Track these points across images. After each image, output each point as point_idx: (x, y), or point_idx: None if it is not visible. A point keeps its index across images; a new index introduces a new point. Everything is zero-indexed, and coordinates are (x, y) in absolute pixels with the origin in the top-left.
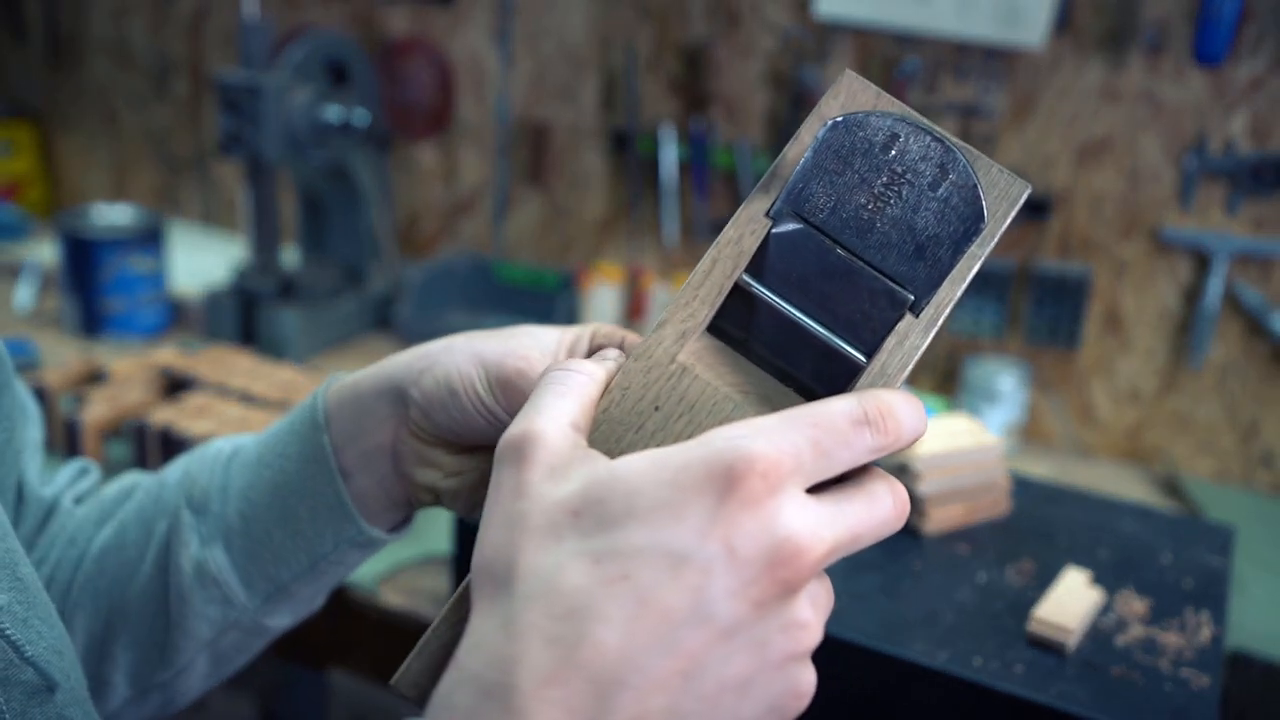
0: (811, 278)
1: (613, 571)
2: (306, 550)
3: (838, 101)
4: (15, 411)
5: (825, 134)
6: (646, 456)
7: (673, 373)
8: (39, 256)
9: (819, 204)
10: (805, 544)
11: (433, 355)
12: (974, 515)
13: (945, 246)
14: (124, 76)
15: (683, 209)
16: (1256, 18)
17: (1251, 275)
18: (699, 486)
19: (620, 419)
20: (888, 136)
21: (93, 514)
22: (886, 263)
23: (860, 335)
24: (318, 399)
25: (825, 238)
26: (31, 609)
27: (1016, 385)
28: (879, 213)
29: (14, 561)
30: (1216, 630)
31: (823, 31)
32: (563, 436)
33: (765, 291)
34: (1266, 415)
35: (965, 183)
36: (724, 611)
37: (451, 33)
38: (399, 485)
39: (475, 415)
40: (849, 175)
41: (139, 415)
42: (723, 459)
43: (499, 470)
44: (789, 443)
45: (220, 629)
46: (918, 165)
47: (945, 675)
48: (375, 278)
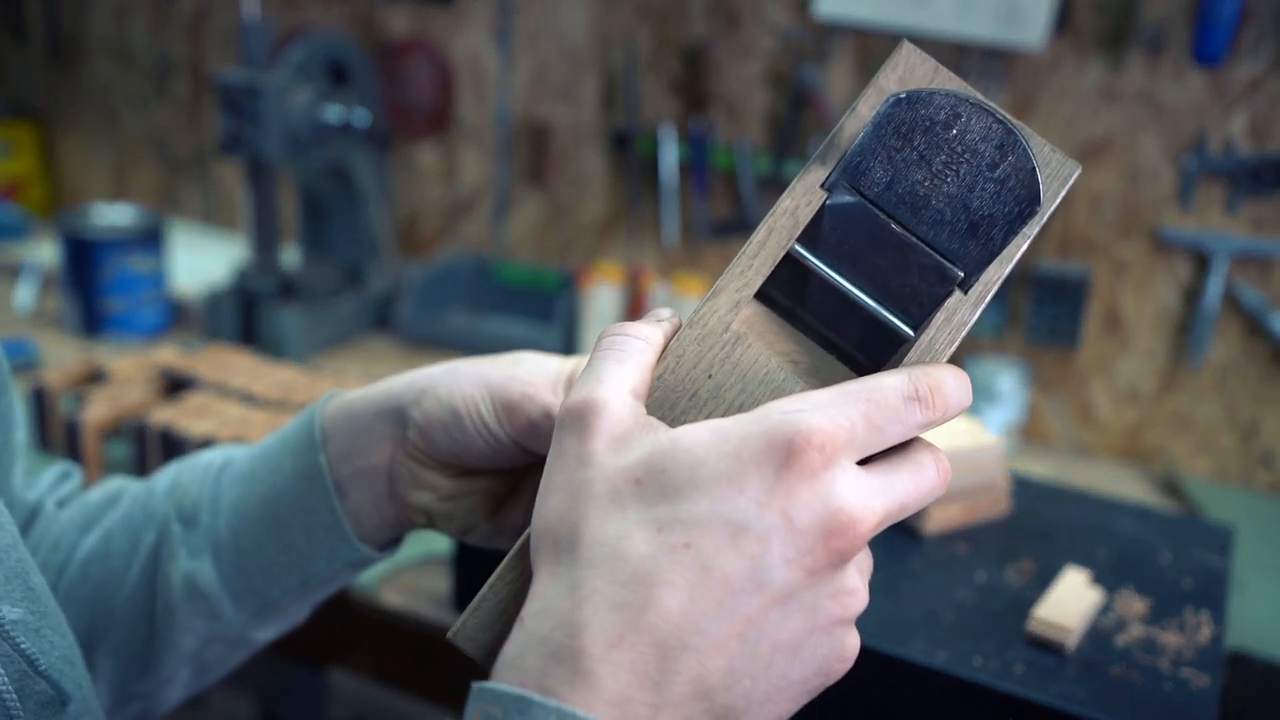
0: (863, 250)
1: (676, 539)
2: (298, 567)
3: (896, 74)
4: (11, 415)
5: (888, 108)
6: (707, 427)
7: (726, 341)
8: (39, 256)
9: (875, 178)
10: (858, 515)
11: (434, 377)
12: (974, 515)
13: (999, 226)
14: (124, 76)
15: (683, 209)
16: (1256, 18)
17: (1251, 275)
18: (759, 458)
19: (675, 385)
20: (950, 114)
21: (77, 519)
22: (939, 239)
23: (908, 309)
24: (314, 416)
25: (880, 212)
26: (44, 619)
27: (1016, 385)
28: (935, 189)
29: (25, 571)
30: (1216, 630)
31: (823, 31)
32: (624, 404)
33: (818, 262)
34: (1266, 415)
35: (1024, 165)
36: (780, 578)
37: (451, 33)
38: (391, 506)
39: (477, 438)
40: (908, 151)
41: (139, 415)
42: (781, 432)
43: (561, 437)
44: (844, 417)
45: (205, 641)
46: (978, 145)
47: (945, 675)
48: (375, 278)
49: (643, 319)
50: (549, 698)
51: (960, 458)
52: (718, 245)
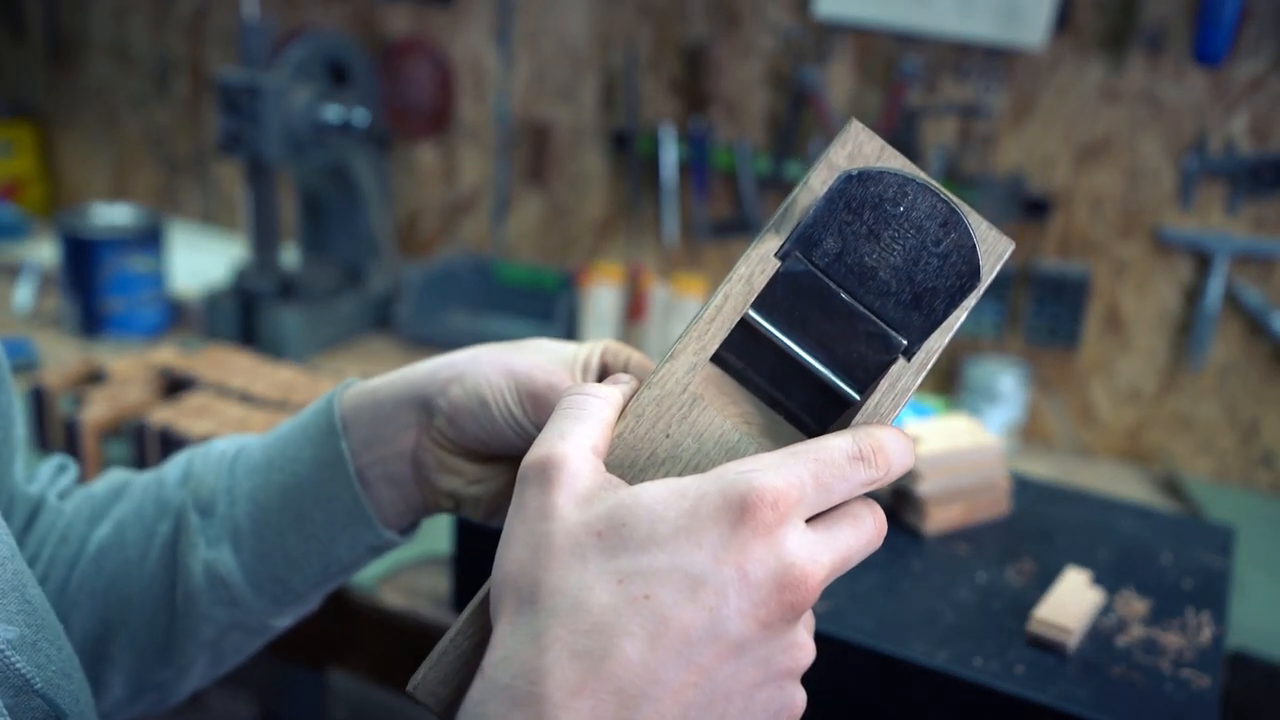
0: (814, 317)
1: (636, 591)
2: (320, 554)
3: (845, 151)
4: (10, 411)
5: (840, 184)
6: (666, 485)
7: (684, 402)
8: (39, 256)
9: (827, 249)
10: (809, 569)
11: (459, 365)
12: (974, 515)
13: (941, 298)
14: (124, 76)
15: (683, 209)
16: (1256, 18)
17: (1252, 275)
18: (715, 515)
19: (634, 444)
20: (898, 192)
21: (84, 511)
22: (885, 309)
23: (855, 374)
24: (334, 405)
25: (830, 281)
26: (41, 632)
27: (1016, 385)
28: (882, 262)
29: (22, 584)
30: (1217, 630)
31: (823, 31)
32: (585, 460)
33: (770, 328)
34: (1267, 415)
35: (965, 242)
36: (736, 630)
37: (451, 33)
38: (417, 491)
39: (504, 426)
40: (858, 225)
41: (139, 415)
42: (736, 490)
43: (523, 491)
44: (795, 476)
45: (225, 629)
46: (923, 221)
47: (945, 675)
48: (375, 278)
49: (603, 382)
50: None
51: (960, 458)
52: (718, 245)
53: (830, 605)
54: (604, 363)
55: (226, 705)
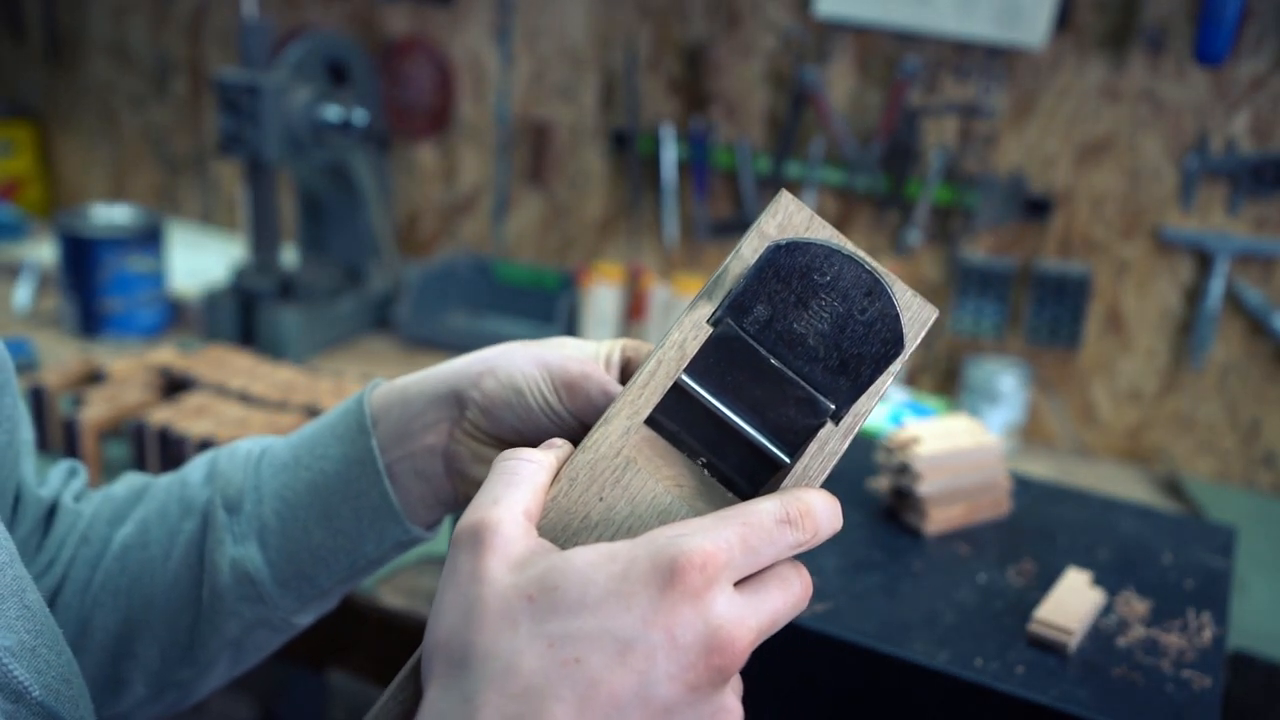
0: (744, 382)
1: (566, 655)
2: (348, 550)
3: (775, 221)
4: (16, 413)
5: (769, 254)
6: (597, 549)
7: (617, 466)
8: (38, 256)
9: (756, 316)
10: (736, 633)
11: (490, 360)
12: (974, 515)
13: (867, 364)
14: (123, 76)
15: (683, 209)
16: (1257, 17)
17: (1253, 275)
18: (645, 579)
19: (568, 508)
20: (824, 263)
21: (104, 513)
22: (813, 375)
23: (784, 437)
24: (363, 403)
25: (759, 347)
26: (40, 637)
27: (1017, 385)
28: (810, 329)
29: (22, 589)
30: (1218, 631)
31: (823, 31)
32: (517, 525)
33: (702, 392)
34: (1268, 415)
35: (889, 311)
36: (664, 693)
37: (451, 33)
38: (448, 485)
39: (540, 415)
40: (786, 293)
41: (138, 415)
42: (666, 554)
43: (455, 556)
44: (724, 540)
45: (249, 627)
46: (849, 291)
47: (945, 676)
48: (375, 278)
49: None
50: None
51: (961, 458)
52: (718, 245)
53: (830, 605)
54: (625, 358)
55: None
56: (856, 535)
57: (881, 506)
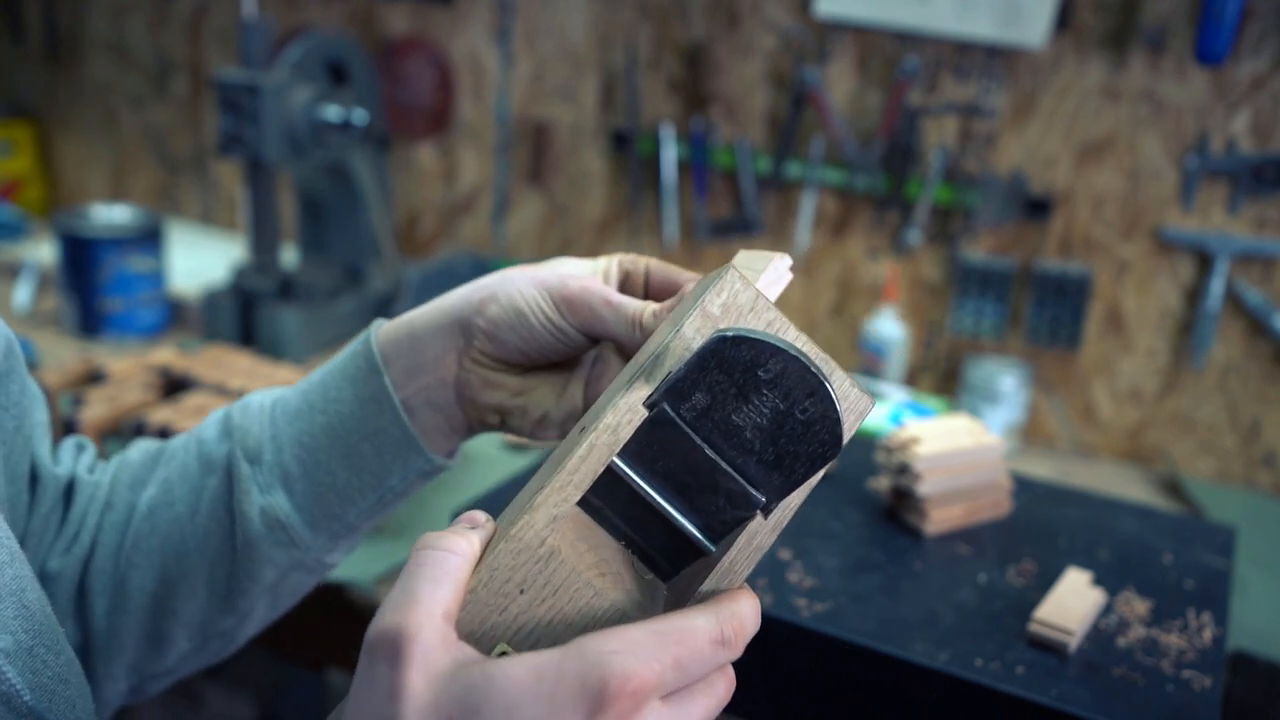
0: (676, 468)
1: None
2: (374, 485)
3: (720, 299)
4: (25, 398)
5: (713, 344)
6: (523, 663)
7: (541, 556)
8: (37, 256)
9: (695, 403)
10: None
11: (490, 286)
12: (975, 515)
13: (802, 462)
14: (123, 76)
15: (683, 209)
16: (1258, 17)
17: (1253, 275)
18: (572, 703)
19: (486, 600)
20: (769, 358)
21: (124, 478)
22: (746, 467)
23: (712, 526)
24: (370, 344)
25: (695, 435)
26: (38, 638)
27: (1017, 385)
28: (748, 422)
29: (22, 589)
30: (1218, 631)
31: (823, 31)
32: (437, 632)
33: (632, 475)
34: (1268, 415)
35: (829, 413)
36: None
37: (451, 32)
38: (460, 413)
39: (544, 333)
40: (726, 384)
41: (137, 415)
42: (596, 675)
43: (371, 665)
44: (656, 660)
45: (285, 571)
46: (791, 390)
47: (946, 676)
48: (375, 277)
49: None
50: None
51: (961, 458)
52: (718, 245)
53: (830, 605)
54: (624, 271)
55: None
56: (856, 535)
57: (881, 506)
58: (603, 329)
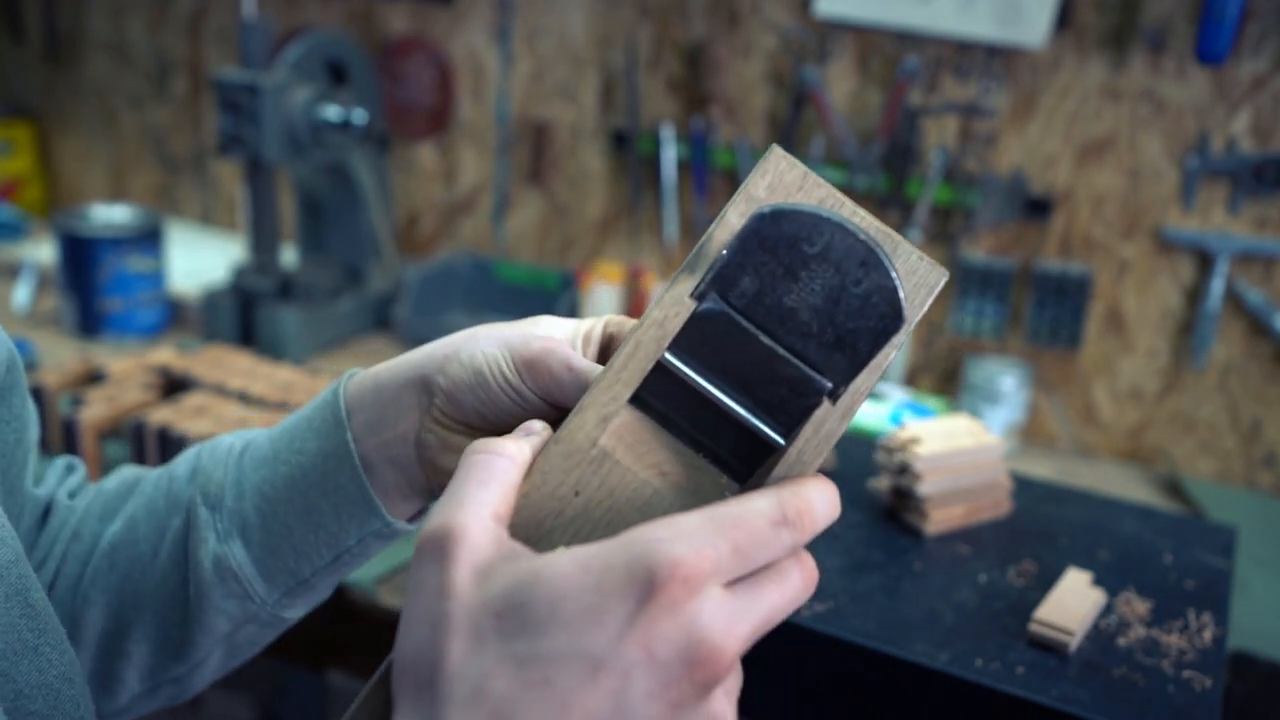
0: (732, 360)
1: (535, 676)
2: (329, 544)
3: (765, 181)
4: (25, 412)
5: (753, 223)
6: (570, 557)
7: (594, 458)
8: (37, 256)
9: (743, 289)
10: (721, 644)
11: (456, 343)
12: (975, 515)
13: (864, 339)
14: (123, 76)
15: (683, 209)
16: (1259, 16)
17: (1254, 275)
18: (620, 591)
19: (541, 504)
20: (812, 231)
21: (95, 508)
22: (806, 351)
23: (778, 418)
24: (338, 395)
25: (748, 323)
26: (43, 636)
27: (1018, 385)
28: (801, 302)
29: (26, 588)
30: (1218, 631)
31: (823, 31)
32: (485, 531)
33: (687, 371)
34: (1269, 415)
35: (885, 283)
36: (642, 712)
37: (451, 32)
38: (421, 474)
39: (502, 396)
40: (773, 265)
41: (137, 415)
42: (644, 564)
43: (421, 565)
44: (710, 546)
45: (238, 623)
46: (841, 262)
47: (946, 676)
48: (375, 277)
49: (512, 433)
50: None
51: (961, 458)
52: None
53: (830, 605)
54: (608, 335)
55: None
56: (856, 535)
57: (881, 506)
58: (562, 396)
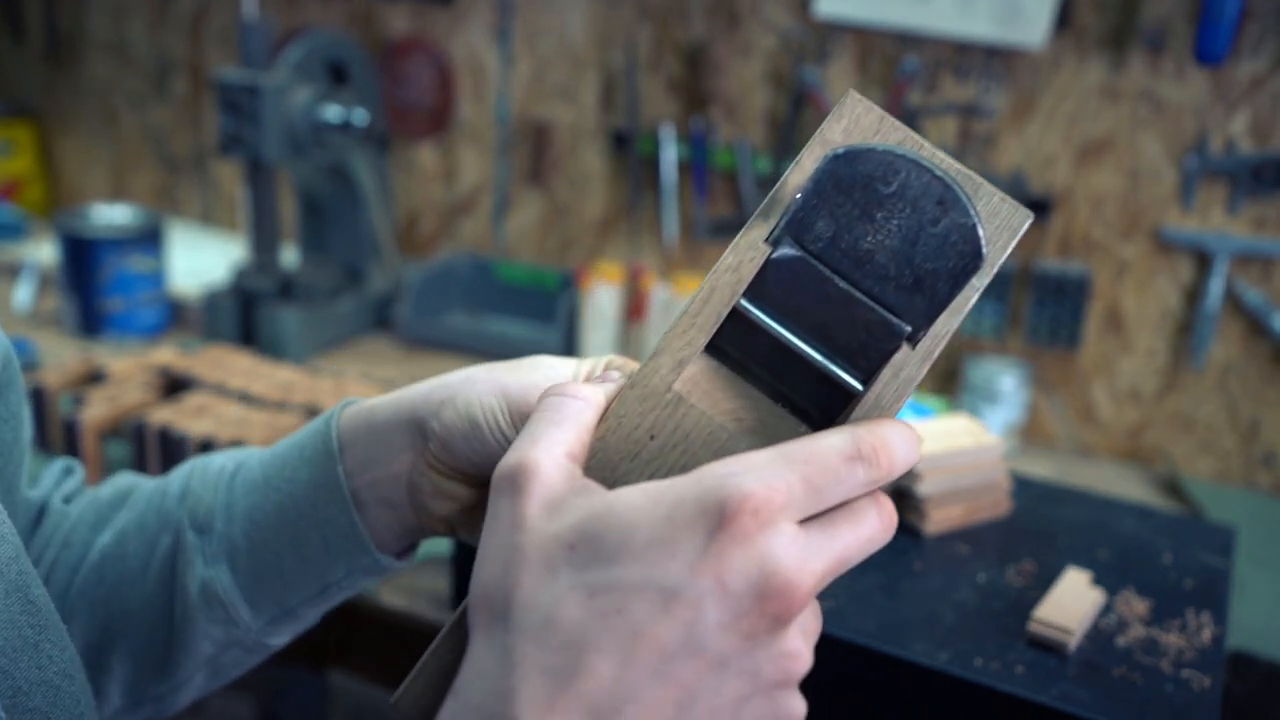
0: (809, 305)
1: (607, 605)
2: (317, 576)
3: (841, 125)
4: (22, 410)
5: (826, 164)
6: (642, 490)
7: (669, 401)
8: (38, 256)
9: (818, 233)
10: (794, 578)
11: (452, 386)
12: (974, 515)
13: (943, 280)
14: (123, 76)
15: (683, 209)
16: (1258, 17)
17: (1253, 275)
18: (692, 522)
19: (616, 447)
20: (888, 171)
21: (88, 517)
22: (884, 294)
23: (857, 363)
24: (331, 426)
25: (824, 267)
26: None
27: (1017, 385)
28: (879, 245)
29: (26, 584)
30: (1218, 631)
31: (823, 31)
32: (558, 468)
33: (763, 317)
34: (1267, 415)
35: (963, 221)
36: (715, 643)
37: (451, 33)
38: (412, 515)
39: (496, 447)
40: (849, 207)
41: (138, 415)
42: (715, 496)
43: (496, 500)
44: (781, 480)
45: (222, 647)
46: (918, 201)
47: (946, 676)
48: (375, 278)
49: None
50: None
51: (961, 458)
52: (718, 245)
53: (830, 605)
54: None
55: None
56: None
57: None
58: None
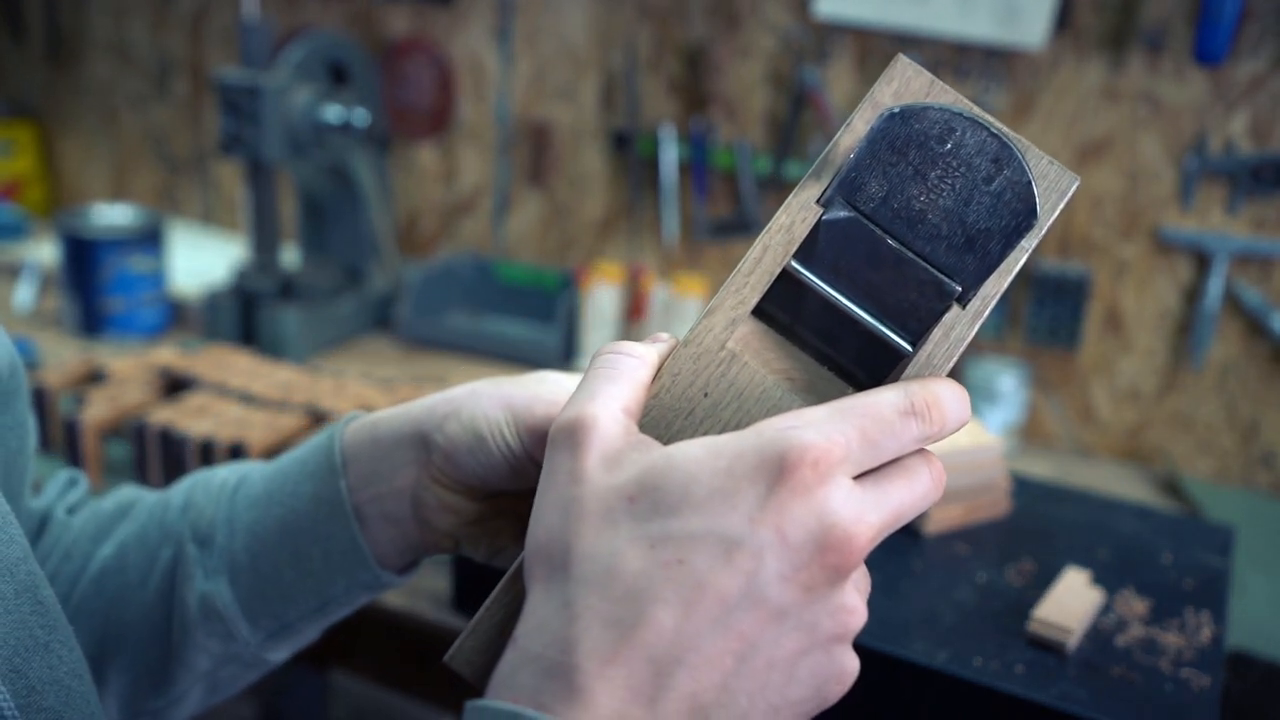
0: (860, 266)
1: (669, 556)
2: (317, 592)
3: (891, 88)
4: (26, 421)
5: (881, 124)
6: (701, 444)
7: (722, 359)
8: (39, 256)
9: (871, 193)
10: (852, 530)
11: (457, 400)
12: (974, 515)
13: (996, 240)
14: (124, 76)
15: (683, 209)
16: (1257, 17)
17: (1252, 275)
18: (752, 474)
19: (671, 405)
20: (944, 129)
21: (89, 529)
22: (936, 254)
23: (907, 324)
24: (334, 441)
25: (875, 227)
26: (53, 633)
27: (1017, 385)
28: (931, 204)
29: (35, 585)
30: (1217, 630)
31: (823, 31)
32: (615, 422)
33: (814, 278)
34: (1267, 415)
35: (1019, 178)
36: (775, 595)
37: (451, 33)
38: (416, 530)
39: (502, 461)
40: (902, 166)
41: (139, 415)
42: (775, 448)
43: (553, 455)
44: (839, 433)
45: (220, 662)
46: (972, 159)
47: (945, 675)
48: (375, 278)
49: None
50: (543, 714)
51: (960, 458)
52: (718, 245)
53: None
54: None
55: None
56: None
57: None
58: None
